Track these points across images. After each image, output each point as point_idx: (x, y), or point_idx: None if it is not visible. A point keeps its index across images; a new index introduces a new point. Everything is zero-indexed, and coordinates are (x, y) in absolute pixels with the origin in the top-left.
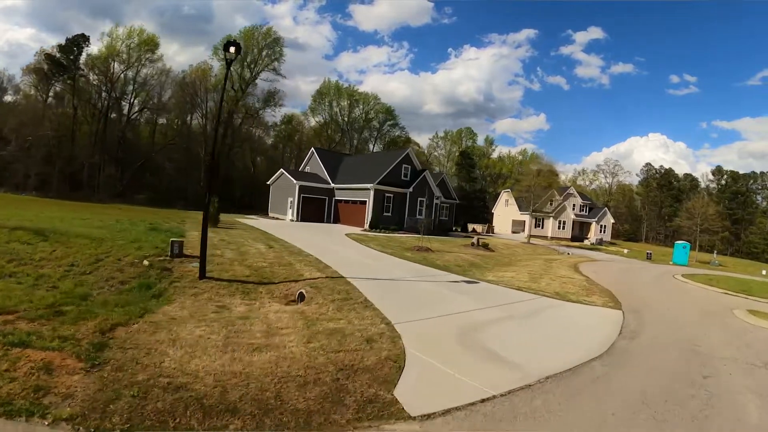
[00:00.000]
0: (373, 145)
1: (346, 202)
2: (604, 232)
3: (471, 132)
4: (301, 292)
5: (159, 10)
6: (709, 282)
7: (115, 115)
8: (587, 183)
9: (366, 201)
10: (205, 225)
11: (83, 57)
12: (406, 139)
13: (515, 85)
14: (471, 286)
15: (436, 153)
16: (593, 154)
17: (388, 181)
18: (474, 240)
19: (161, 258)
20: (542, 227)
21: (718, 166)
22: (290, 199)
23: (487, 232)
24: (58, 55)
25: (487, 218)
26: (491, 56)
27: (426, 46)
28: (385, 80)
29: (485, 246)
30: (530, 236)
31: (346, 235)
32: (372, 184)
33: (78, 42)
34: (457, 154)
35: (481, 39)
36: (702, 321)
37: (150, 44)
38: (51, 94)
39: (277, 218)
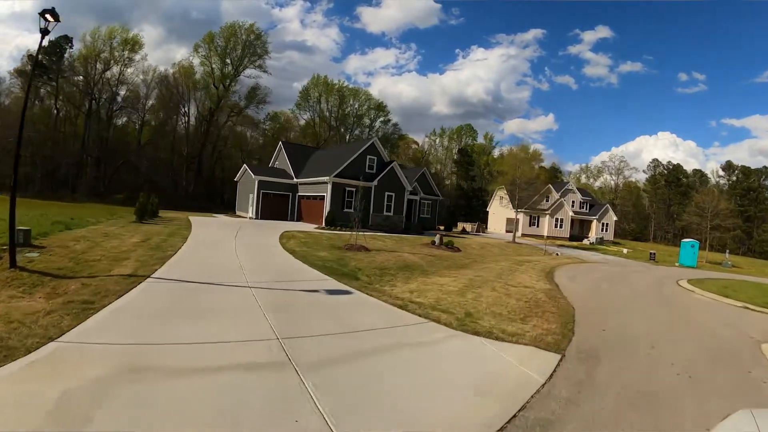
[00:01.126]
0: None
1: (308, 198)
2: (606, 231)
3: (471, 129)
4: None
5: (167, 15)
6: (723, 291)
7: (96, 115)
8: (591, 180)
9: (324, 196)
10: (12, 212)
11: (65, 58)
12: (400, 136)
13: (523, 85)
14: (326, 298)
15: (435, 152)
16: (602, 153)
17: (350, 174)
18: (436, 239)
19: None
20: (537, 225)
21: (729, 161)
22: (251, 196)
23: (477, 231)
24: (40, 56)
25: (481, 217)
26: (499, 56)
27: (433, 47)
28: (393, 82)
29: (449, 245)
30: (517, 235)
31: (284, 232)
32: (329, 177)
33: (60, 43)
34: (455, 151)
35: (489, 39)
36: (714, 377)
37: (132, 44)
38: (37, 94)
39: (241, 216)
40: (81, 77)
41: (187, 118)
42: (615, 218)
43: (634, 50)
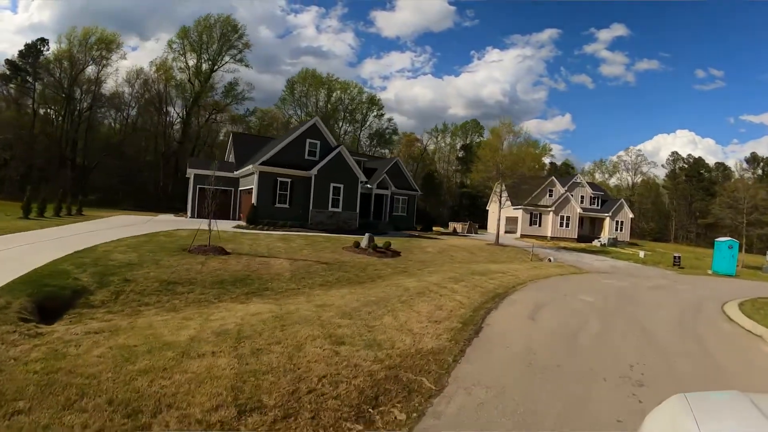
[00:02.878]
0: (358, 139)
1: (243, 191)
2: (621, 230)
3: (477, 125)
4: None
5: (182, 22)
6: None
7: (72, 116)
8: (606, 177)
9: (252, 189)
10: None
11: (41, 59)
12: (393, 130)
13: (540, 85)
14: None
15: (441, 150)
16: (619, 153)
17: (284, 161)
18: (364, 240)
19: None
20: (539, 224)
21: (753, 153)
22: (189, 193)
23: (468, 232)
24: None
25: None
26: (514, 57)
27: (448, 49)
28: (409, 85)
29: (383, 248)
30: (515, 235)
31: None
32: (254, 165)
33: (36, 45)
34: (458, 148)
35: (504, 41)
36: None
37: (107, 43)
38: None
39: (182, 216)
40: (56, 77)
41: (166, 117)
42: (631, 215)
43: (651, 48)
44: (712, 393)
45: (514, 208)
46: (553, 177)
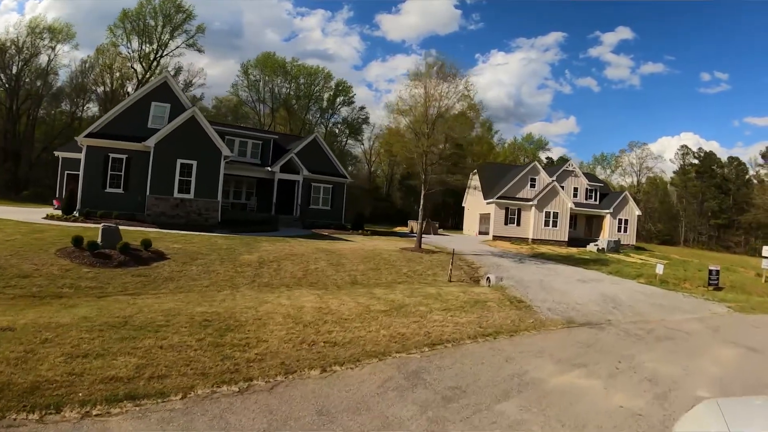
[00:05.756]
0: (326, 127)
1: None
2: (626, 231)
3: (464, 118)
4: None
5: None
6: None
7: (11, 109)
8: (608, 173)
9: None
10: None
11: None
12: (365, 119)
13: (544, 88)
14: None
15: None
16: (623, 149)
17: (120, 132)
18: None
19: None
20: (517, 223)
21: None
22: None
23: (425, 232)
24: None
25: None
26: (519, 61)
27: (454, 52)
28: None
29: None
30: (486, 237)
31: None
32: (80, 137)
33: None
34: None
35: (509, 44)
36: None
37: (53, 32)
38: None
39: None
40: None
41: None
42: (638, 212)
43: (656, 51)
44: (743, 398)
45: (487, 203)
46: (536, 163)
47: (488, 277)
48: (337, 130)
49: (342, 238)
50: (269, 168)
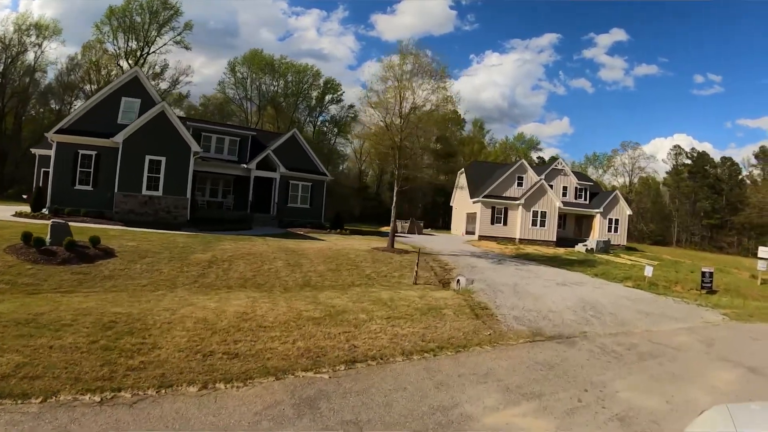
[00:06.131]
0: (314, 126)
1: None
2: (617, 231)
3: (458, 117)
4: None
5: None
6: None
7: None
8: (600, 173)
9: None
10: None
11: None
12: (353, 117)
13: (539, 90)
14: None
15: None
16: (615, 148)
17: (90, 128)
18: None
19: None
20: (504, 223)
21: (763, 145)
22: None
23: (409, 232)
24: None
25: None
26: (514, 61)
27: (449, 53)
28: None
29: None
30: (472, 237)
31: None
32: (51, 134)
33: None
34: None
35: (504, 45)
36: None
37: (39, 29)
38: None
39: None
40: None
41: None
42: (629, 212)
43: (650, 53)
44: (753, 403)
45: (473, 202)
46: (523, 161)
47: (458, 280)
48: (325, 129)
49: (315, 237)
50: (245, 165)
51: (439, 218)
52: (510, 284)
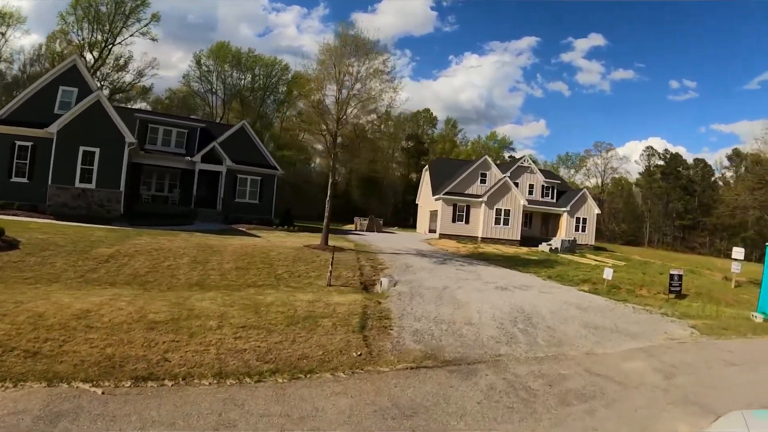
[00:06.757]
0: (281, 119)
1: None
2: (584, 230)
3: (429, 115)
4: None
5: (164, 18)
6: None
7: None
8: (572, 173)
9: None
10: None
11: None
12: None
13: (516, 91)
14: None
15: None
16: (587, 149)
17: (26, 118)
18: None
19: None
20: (466, 221)
21: (736, 148)
22: None
23: (368, 230)
24: None
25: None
26: (492, 63)
27: (428, 54)
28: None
29: None
30: (433, 236)
31: None
32: None
33: None
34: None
35: (483, 47)
36: None
37: (2, 17)
38: None
39: None
40: None
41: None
42: (597, 211)
43: (627, 58)
44: None
45: (435, 199)
46: (487, 157)
47: (381, 281)
48: (293, 123)
49: (254, 234)
50: (190, 158)
51: (409, 217)
52: (438, 288)
